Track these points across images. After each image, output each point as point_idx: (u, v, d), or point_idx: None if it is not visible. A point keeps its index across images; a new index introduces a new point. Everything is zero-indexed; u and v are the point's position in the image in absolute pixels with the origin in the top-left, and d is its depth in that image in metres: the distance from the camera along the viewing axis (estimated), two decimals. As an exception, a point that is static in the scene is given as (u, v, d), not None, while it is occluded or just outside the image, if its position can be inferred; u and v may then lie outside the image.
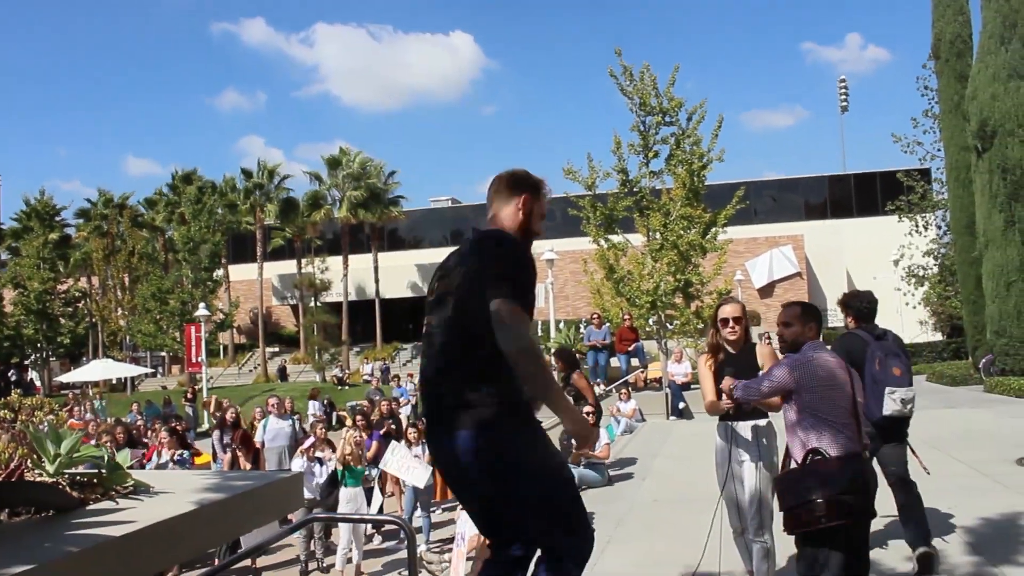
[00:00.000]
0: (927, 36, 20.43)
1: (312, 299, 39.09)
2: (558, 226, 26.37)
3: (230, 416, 11.75)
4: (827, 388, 3.62)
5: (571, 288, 34.23)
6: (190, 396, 24.00)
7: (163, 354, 40.08)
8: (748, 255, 35.21)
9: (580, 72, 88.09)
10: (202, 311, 28.89)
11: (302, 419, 14.90)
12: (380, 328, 39.24)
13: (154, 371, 39.95)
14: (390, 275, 39.57)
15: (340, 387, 29.77)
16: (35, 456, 1.63)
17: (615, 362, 17.44)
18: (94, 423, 15.13)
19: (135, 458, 8.87)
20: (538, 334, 23.09)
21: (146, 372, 36.82)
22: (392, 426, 11.31)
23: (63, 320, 37.82)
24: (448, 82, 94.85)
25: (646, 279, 17.11)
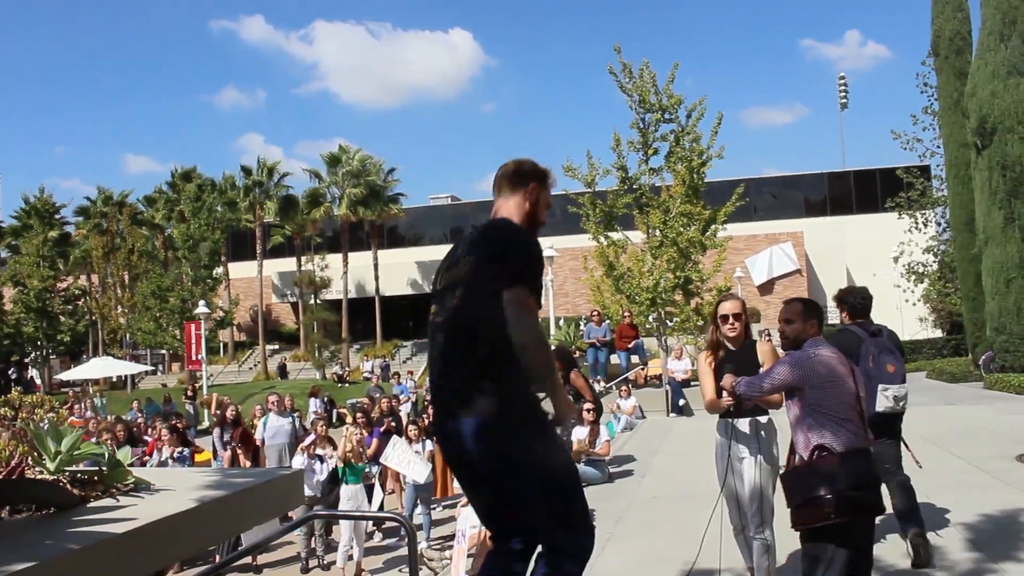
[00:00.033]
0: (927, 33, 20.47)
1: (312, 297, 39.05)
2: (558, 223, 26.29)
3: (230, 414, 11.78)
4: (829, 384, 3.62)
5: (571, 285, 34.20)
6: (190, 394, 23.99)
7: (163, 352, 40.11)
8: (748, 252, 35.17)
9: (580, 70, 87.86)
10: (202, 309, 28.94)
11: (302, 417, 14.89)
12: (380, 325, 39.21)
13: (154, 369, 39.97)
14: (390, 272, 39.56)
15: (340, 384, 29.80)
16: (36, 454, 1.63)
17: (615, 359, 17.41)
18: (94, 421, 15.12)
19: (135, 456, 8.88)
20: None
21: (146, 370, 36.84)
22: (392, 423, 11.32)
23: (63, 318, 37.79)
24: (447, 80, 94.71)
25: (646, 276, 17.12)
